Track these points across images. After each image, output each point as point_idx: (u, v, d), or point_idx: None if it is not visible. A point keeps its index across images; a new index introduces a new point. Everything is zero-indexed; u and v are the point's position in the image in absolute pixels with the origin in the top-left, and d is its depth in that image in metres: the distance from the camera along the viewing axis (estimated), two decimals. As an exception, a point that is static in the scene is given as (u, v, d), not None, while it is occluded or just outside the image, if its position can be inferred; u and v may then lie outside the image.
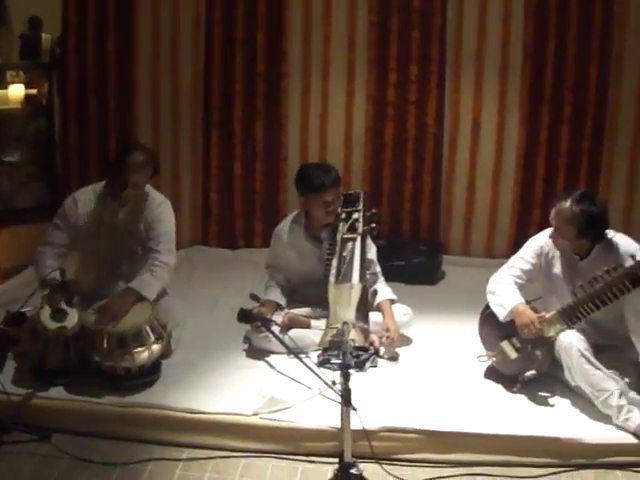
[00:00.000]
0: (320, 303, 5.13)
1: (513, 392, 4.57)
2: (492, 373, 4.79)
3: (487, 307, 4.81)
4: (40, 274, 4.85)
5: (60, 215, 5.04)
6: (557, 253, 4.63)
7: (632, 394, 4.24)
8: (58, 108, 7.48)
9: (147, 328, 4.60)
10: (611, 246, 4.43)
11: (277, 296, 5.33)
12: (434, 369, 4.93)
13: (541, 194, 7.01)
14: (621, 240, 4.46)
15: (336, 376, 3.61)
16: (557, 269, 4.63)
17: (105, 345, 4.50)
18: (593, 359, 4.26)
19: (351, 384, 3.50)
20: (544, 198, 6.93)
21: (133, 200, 5.02)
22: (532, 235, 4.88)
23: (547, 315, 4.47)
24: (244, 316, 5.22)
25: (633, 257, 4.19)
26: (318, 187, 5.17)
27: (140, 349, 4.55)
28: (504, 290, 4.65)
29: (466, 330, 5.26)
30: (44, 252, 4.96)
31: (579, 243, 4.42)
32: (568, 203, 4.34)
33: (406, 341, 5.29)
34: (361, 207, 5.25)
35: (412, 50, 6.92)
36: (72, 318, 4.58)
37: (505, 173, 7.06)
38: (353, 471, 3.59)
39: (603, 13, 6.64)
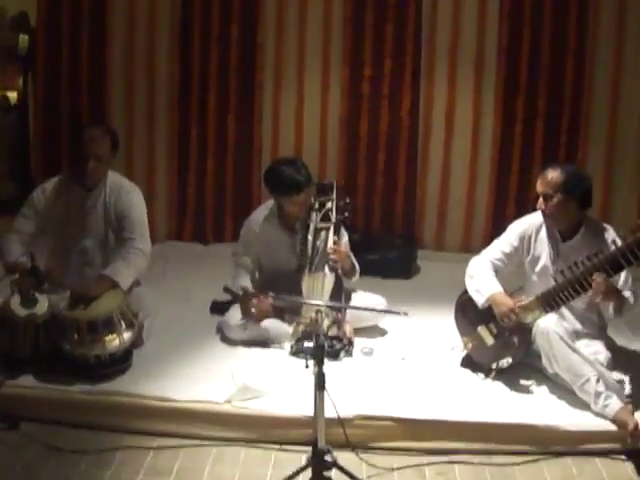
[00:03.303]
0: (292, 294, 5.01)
1: (489, 380, 4.56)
2: (468, 362, 4.77)
3: (464, 293, 4.76)
4: (6, 259, 4.81)
5: (28, 204, 5.00)
6: (541, 236, 4.62)
7: (610, 379, 4.22)
8: (32, 106, 7.45)
9: (118, 315, 4.53)
10: (594, 232, 4.46)
11: (247, 282, 5.22)
12: (409, 359, 4.89)
13: (516, 188, 7.00)
14: (603, 227, 4.50)
15: (310, 364, 3.53)
16: (539, 252, 4.61)
17: (76, 332, 4.42)
18: (571, 342, 4.26)
19: (325, 371, 3.47)
20: (519, 192, 6.96)
21: (97, 180, 4.95)
22: (508, 229, 4.89)
23: (526, 301, 4.43)
24: (216, 309, 5.23)
25: (614, 243, 4.18)
26: (291, 190, 5.07)
27: (111, 336, 4.48)
28: (483, 276, 4.62)
29: (441, 323, 5.26)
30: (9, 238, 4.90)
31: (569, 209, 4.39)
32: (549, 169, 4.43)
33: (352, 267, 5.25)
34: (334, 196, 5.20)
35: (387, 44, 6.91)
36: (42, 305, 4.51)
37: (480, 167, 7.07)
38: (327, 458, 3.54)
39: (578, 8, 6.68)
